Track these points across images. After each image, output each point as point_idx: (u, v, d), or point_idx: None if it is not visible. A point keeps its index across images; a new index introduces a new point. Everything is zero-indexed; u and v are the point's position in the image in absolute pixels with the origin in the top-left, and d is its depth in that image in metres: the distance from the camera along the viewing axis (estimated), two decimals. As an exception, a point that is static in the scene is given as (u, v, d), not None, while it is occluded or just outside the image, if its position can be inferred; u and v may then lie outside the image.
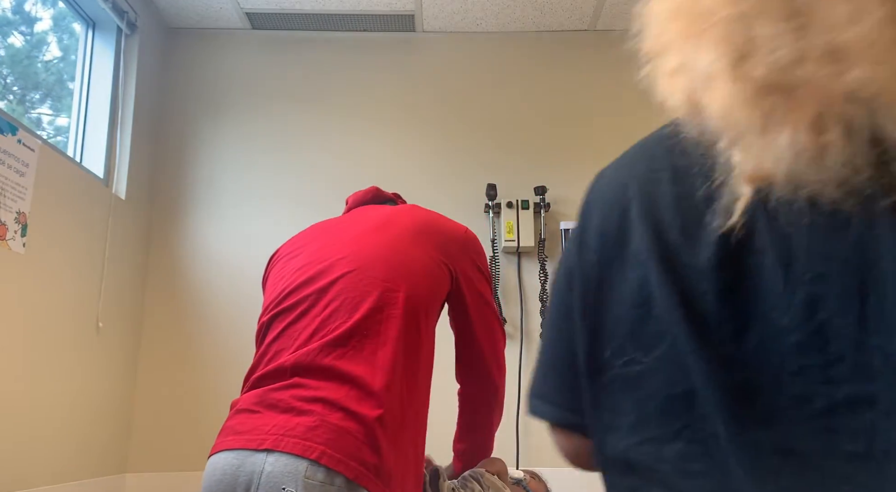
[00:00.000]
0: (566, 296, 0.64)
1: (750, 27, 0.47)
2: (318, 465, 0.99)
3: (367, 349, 1.11)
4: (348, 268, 1.22)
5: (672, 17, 0.55)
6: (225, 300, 2.97)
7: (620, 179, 0.63)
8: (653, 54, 0.58)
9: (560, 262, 0.69)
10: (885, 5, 0.42)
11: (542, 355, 0.69)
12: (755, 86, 0.46)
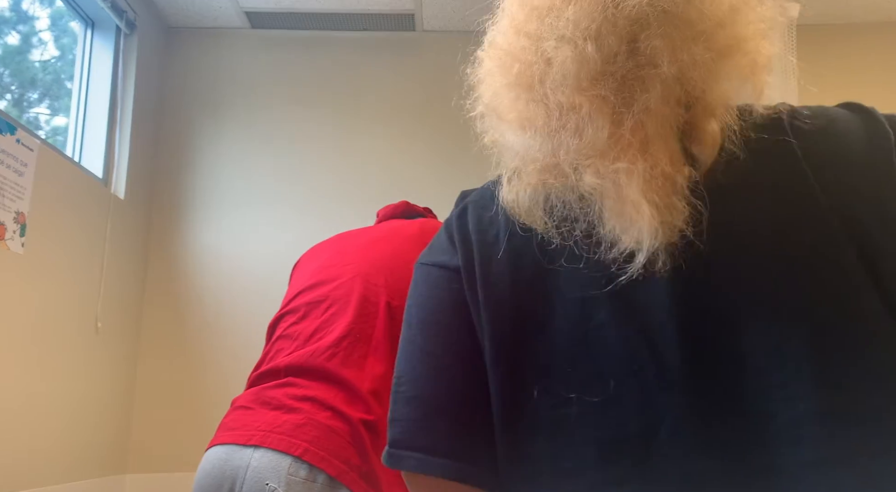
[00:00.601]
0: (448, 328, 0.60)
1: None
2: (302, 462, 1.00)
3: (356, 354, 1.12)
4: (352, 274, 1.23)
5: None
6: (224, 300, 2.96)
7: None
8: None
9: (421, 291, 0.65)
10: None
11: (414, 399, 0.60)
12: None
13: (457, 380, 0.60)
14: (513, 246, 0.58)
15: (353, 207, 3.05)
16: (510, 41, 0.59)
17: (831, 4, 3.05)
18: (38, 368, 2.24)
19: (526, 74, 0.56)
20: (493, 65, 0.61)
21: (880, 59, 3.16)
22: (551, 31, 0.55)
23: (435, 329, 0.62)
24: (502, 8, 0.64)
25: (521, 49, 0.57)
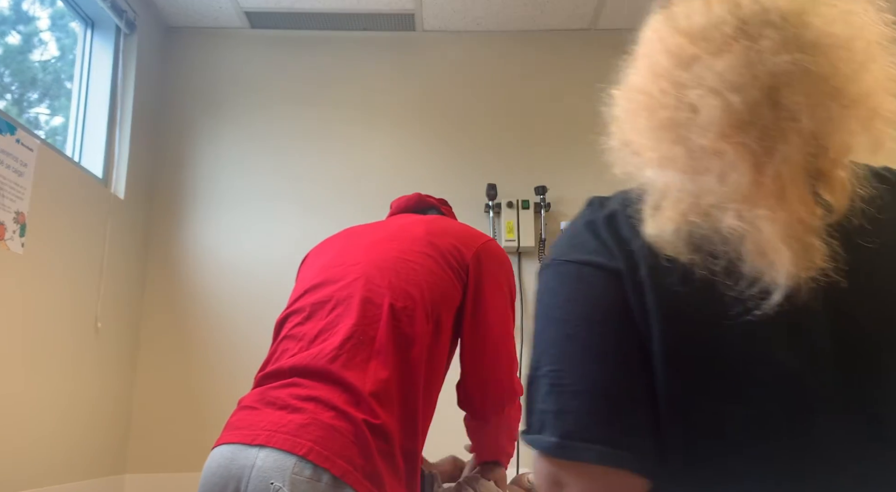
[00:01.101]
0: (613, 327, 0.64)
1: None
2: (306, 461, 1.00)
3: (359, 357, 1.12)
4: (357, 275, 1.23)
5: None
6: (224, 300, 2.96)
7: None
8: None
9: (574, 287, 0.68)
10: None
11: (583, 393, 0.63)
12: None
13: (625, 377, 0.62)
14: (679, 262, 0.62)
15: (353, 206, 3.05)
16: (651, 86, 0.65)
17: (832, 4, 3.05)
18: (37, 368, 2.24)
19: (669, 118, 0.62)
20: (633, 106, 0.67)
21: (881, 60, 3.16)
22: (697, 81, 0.61)
23: (600, 327, 0.64)
24: (643, 54, 0.70)
25: (663, 94, 0.63)
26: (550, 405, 0.64)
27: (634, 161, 0.66)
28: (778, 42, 0.59)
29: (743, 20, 0.61)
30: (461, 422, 1.46)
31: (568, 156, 3.12)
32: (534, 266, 2.99)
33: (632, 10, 3.10)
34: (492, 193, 2.98)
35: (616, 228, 0.67)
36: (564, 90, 3.19)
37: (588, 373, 0.63)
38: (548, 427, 0.63)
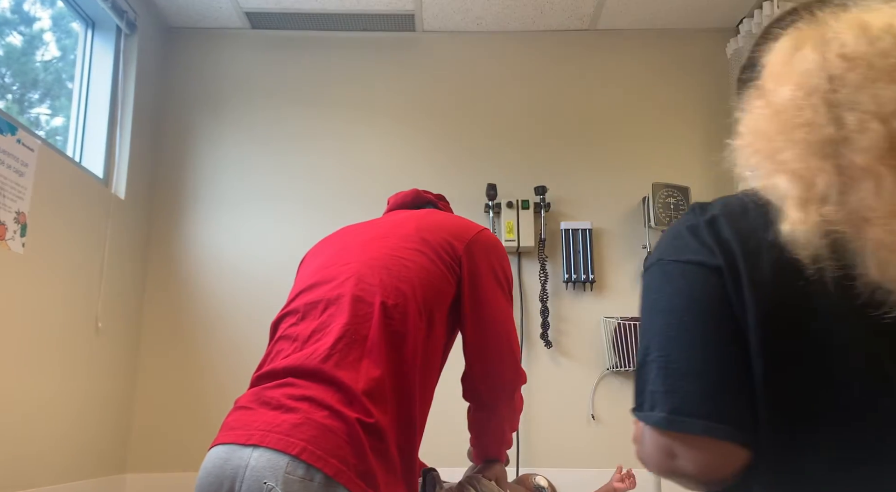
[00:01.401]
0: (716, 317, 0.73)
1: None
2: (299, 461, 1.00)
3: (351, 356, 1.12)
4: (348, 275, 1.24)
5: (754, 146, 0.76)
6: (224, 300, 2.97)
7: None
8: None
9: (668, 275, 0.77)
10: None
11: (690, 374, 0.72)
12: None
13: (725, 361, 0.71)
14: (777, 261, 0.70)
15: (353, 206, 3.05)
16: (804, 102, 0.70)
17: (831, 5, 3.06)
18: (38, 368, 2.24)
19: (822, 136, 0.68)
20: (777, 118, 0.73)
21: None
22: (856, 105, 0.67)
23: (703, 317, 0.73)
24: (791, 69, 0.74)
25: (816, 112, 0.69)
26: (660, 386, 0.73)
27: (771, 170, 0.72)
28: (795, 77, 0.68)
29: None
30: (455, 421, 1.46)
31: (568, 156, 3.12)
32: (534, 266, 2.99)
33: (632, 10, 3.11)
34: (492, 193, 2.98)
35: (717, 231, 0.75)
36: (564, 90, 3.20)
37: (693, 357, 0.72)
38: (658, 404, 0.73)
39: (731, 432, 0.70)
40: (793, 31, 0.78)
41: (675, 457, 0.72)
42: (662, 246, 0.81)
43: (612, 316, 2.91)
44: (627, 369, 2.85)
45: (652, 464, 0.76)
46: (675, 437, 0.72)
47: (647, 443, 0.76)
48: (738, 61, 3.03)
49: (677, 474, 0.74)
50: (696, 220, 0.78)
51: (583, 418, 2.87)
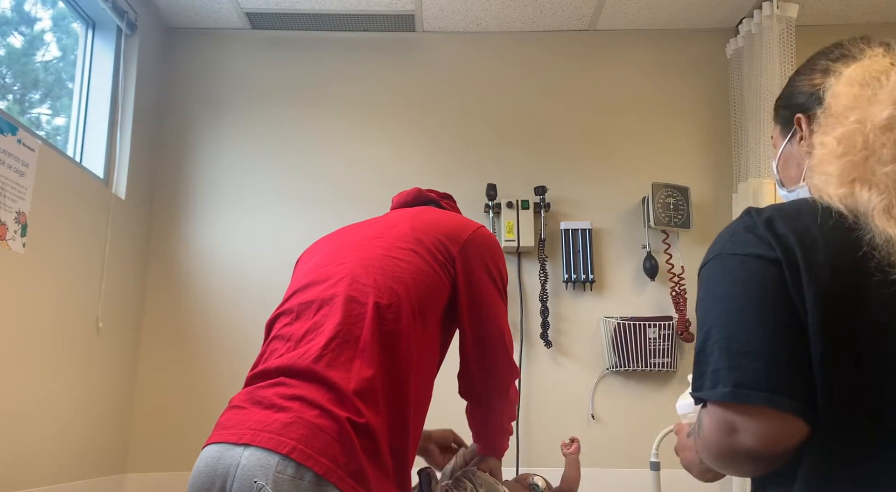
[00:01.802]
0: (776, 304, 0.80)
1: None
2: (289, 460, 1.01)
3: (343, 356, 1.13)
4: (343, 275, 1.24)
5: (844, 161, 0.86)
6: (225, 300, 2.97)
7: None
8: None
9: (729, 267, 0.84)
10: None
11: (751, 353, 0.78)
12: None
13: (784, 342, 0.78)
14: (835, 256, 0.79)
15: (352, 206, 3.05)
16: (883, 131, 0.83)
17: (831, 4, 3.06)
18: (38, 368, 2.24)
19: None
20: (882, 135, 0.84)
21: (880, 60, 3.16)
22: None
23: (763, 303, 0.80)
24: (886, 93, 0.86)
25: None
26: (723, 364, 0.79)
27: (849, 178, 0.83)
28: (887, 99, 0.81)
29: None
30: (452, 418, 1.47)
31: (568, 156, 3.12)
32: (533, 266, 2.99)
33: (632, 10, 3.11)
34: (492, 193, 2.98)
35: (774, 228, 0.83)
36: (564, 90, 3.20)
37: (753, 337, 0.79)
38: (721, 380, 0.79)
39: (791, 404, 0.75)
40: (858, 63, 0.90)
41: (737, 431, 0.78)
42: (720, 243, 0.87)
43: (611, 316, 2.91)
44: (627, 369, 2.85)
45: (712, 445, 0.80)
46: (738, 410, 0.77)
47: (706, 424, 0.81)
48: (737, 61, 3.03)
49: (737, 450, 0.78)
50: (753, 220, 0.85)
51: (583, 418, 2.87)
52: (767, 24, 2.86)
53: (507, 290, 1.41)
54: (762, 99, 2.81)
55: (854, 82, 0.88)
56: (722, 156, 3.10)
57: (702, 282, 0.88)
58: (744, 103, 2.94)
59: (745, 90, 2.94)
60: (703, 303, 0.86)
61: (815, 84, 0.95)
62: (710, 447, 0.81)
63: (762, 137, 2.79)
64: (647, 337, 2.86)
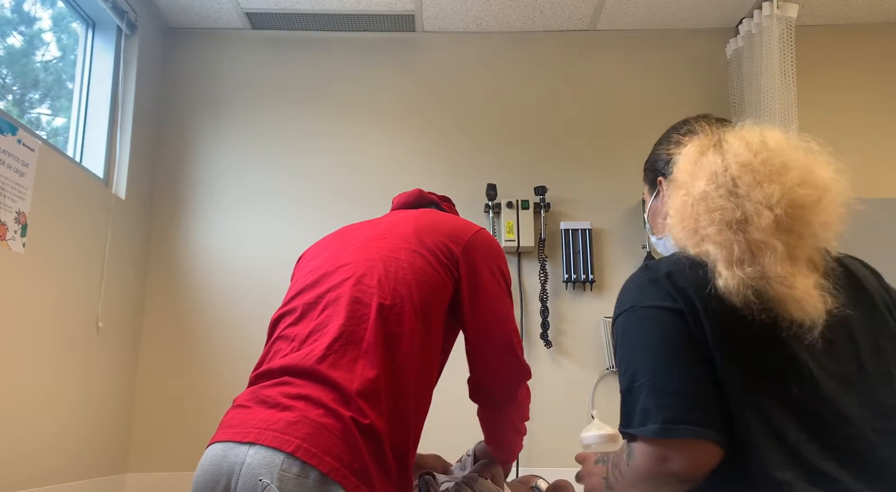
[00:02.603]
0: (687, 349, 0.94)
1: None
2: (294, 458, 1.01)
3: (347, 357, 1.13)
4: (347, 275, 1.24)
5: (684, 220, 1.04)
6: (225, 300, 2.97)
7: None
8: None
9: (638, 319, 0.99)
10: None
11: (674, 393, 0.91)
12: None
13: (700, 381, 0.92)
14: (722, 303, 0.94)
15: (352, 206, 3.05)
16: (715, 193, 0.99)
17: (831, 4, 3.06)
18: (38, 367, 2.24)
19: (729, 217, 0.97)
20: (698, 204, 1.00)
21: (880, 60, 3.17)
22: (749, 196, 0.97)
23: (676, 350, 0.94)
24: (702, 168, 1.02)
25: (726, 201, 0.98)
26: (651, 403, 0.91)
27: (694, 239, 1.00)
28: (798, 180, 0.98)
29: (781, 163, 0.99)
30: (456, 422, 1.46)
31: (567, 156, 3.12)
32: (534, 266, 2.99)
33: (632, 10, 3.11)
34: (492, 193, 2.98)
35: (674, 282, 0.98)
36: (564, 91, 3.20)
37: (674, 378, 0.92)
38: (651, 418, 0.90)
39: (712, 434, 0.89)
40: (696, 139, 1.08)
41: (667, 461, 0.89)
42: (630, 297, 1.01)
43: (611, 316, 2.91)
44: (627, 369, 2.85)
45: (643, 473, 0.92)
46: (667, 444, 0.89)
47: (638, 455, 0.92)
48: (737, 61, 3.03)
49: (666, 476, 0.90)
50: (655, 274, 1.00)
51: (583, 418, 2.87)
52: (767, 24, 2.86)
53: (511, 290, 1.40)
54: (762, 99, 2.81)
55: (688, 159, 1.05)
56: (722, 156, 3.09)
57: (619, 331, 1.01)
58: (744, 103, 2.94)
59: (745, 90, 2.94)
60: (623, 350, 0.99)
61: (669, 153, 1.14)
62: (641, 474, 0.92)
63: (762, 137, 2.79)
64: (647, 337, 2.86)
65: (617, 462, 1.00)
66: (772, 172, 0.98)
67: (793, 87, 2.82)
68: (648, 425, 0.90)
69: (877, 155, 3.02)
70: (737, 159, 1.00)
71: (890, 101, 3.11)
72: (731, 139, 1.04)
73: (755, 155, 1.00)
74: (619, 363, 1.00)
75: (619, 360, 1.00)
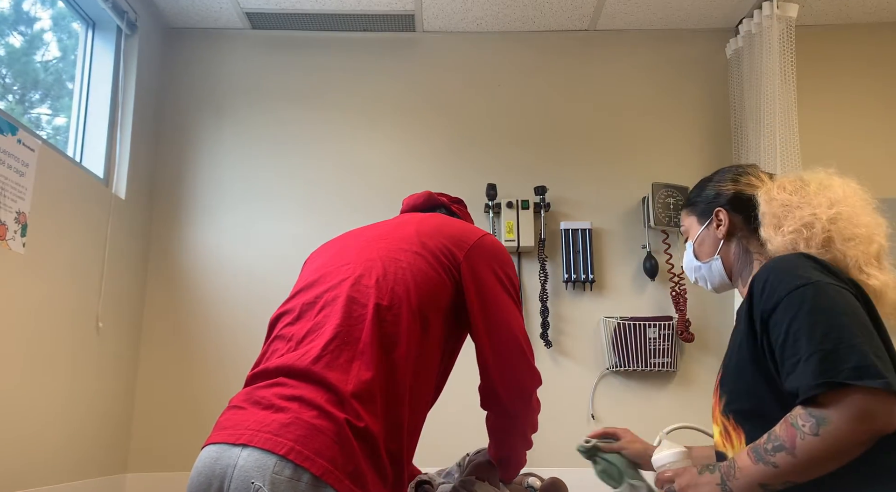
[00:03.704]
0: (861, 313, 1.06)
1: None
2: (287, 461, 1.00)
3: (343, 358, 1.12)
4: (346, 275, 1.24)
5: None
6: (224, 300, 2.97)
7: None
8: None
9: (833, 291, 1.07)
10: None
11: (882, 354, 1.00)
12: None
13: (876, 340, 1.03)
14: (862, 292, 1.13)
15: (353, 207, 3.05)
16: (825, 215, 1.21)
17: (831, 4, 3.06)
18: (38, 368, 2.24)
19: (798, 224, 1.23)
20: (782, 211, 1.25)
21: (880, 60, 3.17)
22: (801, 209, 1.23)
23: (868, 323, 1.05)
24: (781, 200, 1.26)
25: (793, 210, 1.24)
26: (870, 362, 0.97)
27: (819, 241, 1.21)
28: (829, 199, 1.22)
29: (817, 186, 1.26)
30: (457, 424, 1.45)
31: (567, 156, 3.12)
32: (534, 266, 2.99)
33: (631, 10, 3.11)
34: (492, 193, 2.98)
35: (829, 269, 1.12)
36: (564, 90, 3.20)
37: (878, 344, 1.02)
38: (871, 375, 0.96)
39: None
40: (773, 181, 1.32)
41: (874, 418, 0.96)
42: (807, 271, 1.10)
43: (611, 316, 2.91)
44: (627, 369, 2.85)
45: (844, 433, 0.95)
46: (879, 400, 0.95)
47: (838, 418, 0.96)
48: (737, 61, 3.03)
49: (874, 433, 0.96)
50: (816, 262, 1.13)
51: (583, 418, 2.87)
52: (767, 24, 2.86)
53: (519, 295, 1.37)
54: (762, 99, 2.81)
55: (791, 189, 1.27)
56: (722, 156, 3.09)
57: (808, 299, 1.05)
58: (744, 103, 2.94)
59: (744, 90, 2.94)
60: (814, 315, 1.03)
61: (730, 189, 1.35)
62: (843, 436, 0.96)
63: (762, 137, 2.79)
64: (647, 337, 2.86)
65: (732, 466, 1.07)
66: (813, 191, 1.26)
67: (793, 86, 2.82)
68: (866, 380, 0.95)
69: (877, 155, 3.02)
70: (789, 187, 1.27)
71: (890, 101, 3.11)
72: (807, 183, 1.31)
73: (800, 184, 1.28)
74: (810, 326, 1.02)
75: (809, 323, 1.03)
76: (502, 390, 1.31)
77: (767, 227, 1.24)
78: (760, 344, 1.11)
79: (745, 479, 1.04)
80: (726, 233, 1.32)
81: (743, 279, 1.32)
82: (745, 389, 1.13)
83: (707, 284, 1.40)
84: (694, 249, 1.39)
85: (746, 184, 1.33)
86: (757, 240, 1.29)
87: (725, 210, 1.33)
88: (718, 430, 1.21)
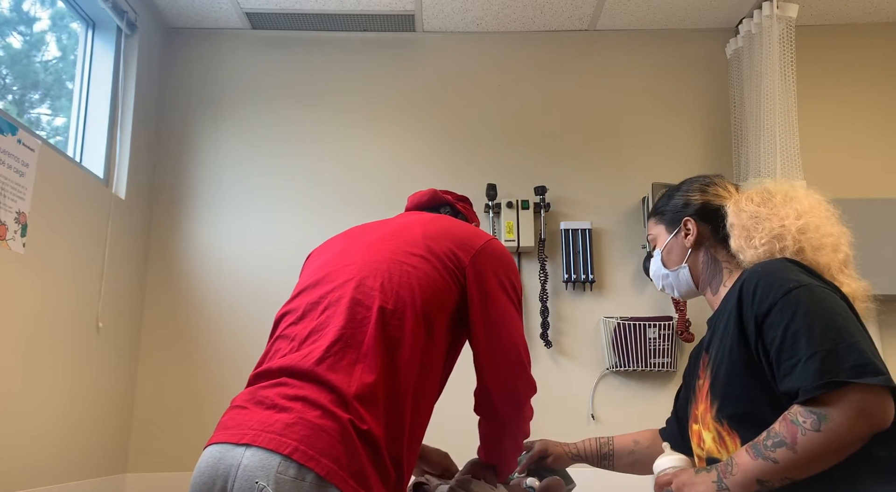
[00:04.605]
0: (850, 313, 1.10)
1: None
2: (291, 460, 1.00)
3: (346, 360, 1.11)
4: (350, 276, 1.23)
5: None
6: (224, 300, 2.97)
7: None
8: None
9: (825, 294, 1.11)
10: None
11: (864, 347, 1.02)
12: None
13: (869, 340, 1.07)
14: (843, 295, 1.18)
15: (353, 206, 3.05)
16: (797, 225, 1.25)
17: (831, 4, 3.06)
18: (38, 367, 2.24)
19: (772, 233, 1.26)
20: (751, 221, 1.29)
21: (879, 60, 3.17)
22: (772, 220, 1.26)
23: (852, 315, 1.10)
24: (791, 202, 1.29)
25: (764, 222, 1.27)
26: (867, 360, 1.00)
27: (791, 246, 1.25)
28: (796, 210, 1.25)
29: (783, 197, 1.29)
30: (453, 422, 1.45)
31: (567, 156, 3.12)
32: (534, 266, 2.99)
33: (631, 10, 3.11)
34: (492, 193, 2.98)
35: (810, 271, 1.17)
36: (564, 90, 3.20)
37: (871, 344, 1.05)
38: (870, 372, 0.99)
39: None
40: (741, 190, 1.38)
41: (871, 415, 0.98)
42: (798, 275, 1.13)
43: (611, 316, 2.91)
44: (627, 369, 2.85)
45: (844, 431, 0.98)
46: (877, 397, 0.98)
47: (839, 415, 0.98)
48: (737, 61, 3.03)
49: (873, 428, 0.99)
50: (802, 266, 1.17)
51: (583, 418, 2.87)
52: (767, 24, 2.86)
53: (521, 303, 1.36)
54: (762, 99, 2.81)
55: (759, 200, 1.30)
56: (722, 156, 3.10)
57: (802, 301, 1.08)
58: (744, 103, 2.94)
59: (745, 90, 2.94)
60: (811, 317, 1.06)
61: (697, 199, 1.39)
62: (842, 433, 0.98)
63: (762, 136, 2.79)
64: (647, 337, 2.86)
65: (729, 464, 1.08)
66: (780, 202, 1.29)
67: (792, 86, 2.82)
68: (867, 378, 0.98)
69: (877, 155, 3.02)
70: (757, 199, 1.31)
71: (890, 102, 3.11)
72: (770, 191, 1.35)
73: (769, 195, 1.32)
74: (808, 328, 1.04)
75: (807, 324, 1.05)
76: (496, 396, 1.30)
77: (738, 238, 1.27)
78: (755, 348, 1.11)
79: (743, 475, 1.05)
80: (694, 242, 1.35)
81: (712, 287, 1.35)
82: (739, 393, 1.14)
83: (674, 291, 1.43)
84: (662, 258, 1.42)
85: (714, 194, 1.36)
86: (725, 249, 1.32)
87: (694, 220, 1.35)
88: (711, 436, 1.21)
